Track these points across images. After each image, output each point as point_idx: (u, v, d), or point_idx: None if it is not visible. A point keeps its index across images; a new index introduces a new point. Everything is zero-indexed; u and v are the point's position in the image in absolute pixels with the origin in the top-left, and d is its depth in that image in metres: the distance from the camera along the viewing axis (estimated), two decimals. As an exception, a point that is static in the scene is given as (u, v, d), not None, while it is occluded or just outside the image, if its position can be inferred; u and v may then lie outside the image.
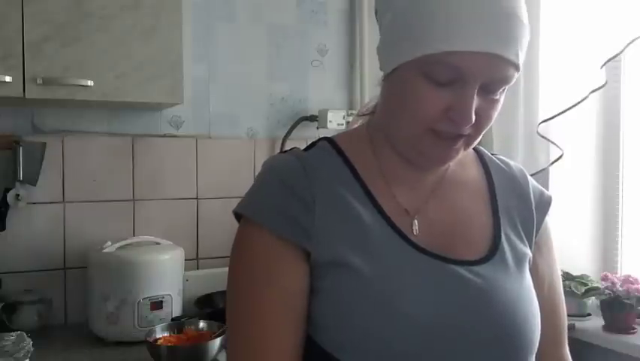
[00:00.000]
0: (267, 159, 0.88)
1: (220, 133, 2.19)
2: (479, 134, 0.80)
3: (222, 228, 2.19)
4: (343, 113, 2.28)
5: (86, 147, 1.99)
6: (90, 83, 1.67)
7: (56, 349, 1.71)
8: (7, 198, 1.86)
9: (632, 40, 1.78)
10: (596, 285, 1.87)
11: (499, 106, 0.79)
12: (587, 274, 1.95)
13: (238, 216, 0.86)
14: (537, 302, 0.84)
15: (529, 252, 0.88)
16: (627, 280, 1.82)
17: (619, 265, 2.02)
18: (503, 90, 0.78)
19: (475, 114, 0.75)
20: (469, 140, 0.80)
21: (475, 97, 0.75)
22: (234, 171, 2.21)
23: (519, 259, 0.86)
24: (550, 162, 1.97)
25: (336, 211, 0.80)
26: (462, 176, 0.90)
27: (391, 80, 0.82)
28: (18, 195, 1.87)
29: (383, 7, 0.83)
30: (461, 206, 0.88)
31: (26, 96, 1.62)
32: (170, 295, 1.81)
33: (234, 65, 2.20)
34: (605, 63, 1.82)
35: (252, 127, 2.25)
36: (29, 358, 1.47)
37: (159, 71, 1.76)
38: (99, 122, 2.01)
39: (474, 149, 0.94)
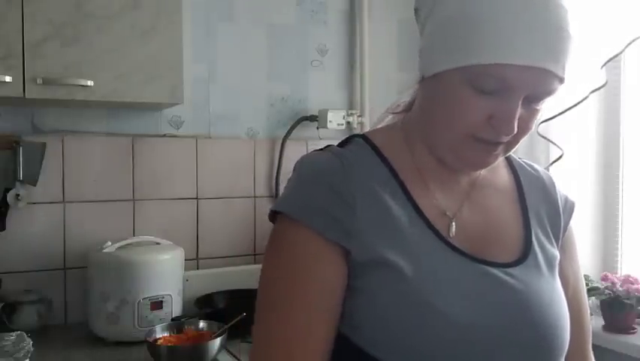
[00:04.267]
0: (301, 156, 0.86)
1: (220, 133, 2.19)
2: (517, 142, 0.81)
3: (222, 228, 2.19)
4: (343, 113, 2.29)
5: (86, 147, 1.99)
6: (90, 83, 1.67)
7: (56, 349, 1.72)
8: (7, 198, 1.86)
9: (632, 41, 1.78)
10: (596, 285, 1.87)
11: (539, 115, 0.80)
12: (587, 274, 1.95)
13: (272, 216, 0.84)
14: (566, 304, 0.86)
15: (558, 254, 0.90)
16: (627, 280, 1.82)
17: (619, 265, 2.02)
18: (544, 102, 0.79)
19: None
20: (507, 147, 0.81)
21: (519, 107, 0.76)
22: (234, 171, 2.21)
23: (549, 261, 0.87)
24: (551, 162, 1.97)
25: (376, 210, 0.80)
26: (493, 180, 0.92)
27: (433, 82, 0.81)
28: (18, 195, 1.87)
29: (426, 9, 0.84)
30: (494, 209, 0.89)
31: (26, 96, 1.62)
32: (170, 295, 1.81)
33: (234, 65, 2.20)
34: (606, 63, 1.82)
35: (252, 127, 2.25)
36: (29, 358, 1.47)
37: (159, 71, 1.76)
38: (99, 122, 2.01)
39: None
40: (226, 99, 2.20)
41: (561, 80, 0.76)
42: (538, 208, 0.92)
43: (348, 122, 2.30)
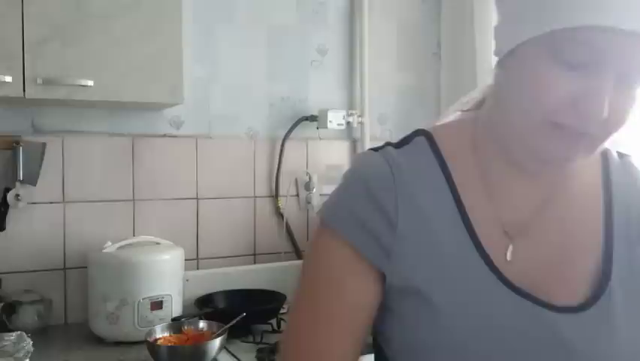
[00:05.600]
0: (356, 155, 0.80)
1: (220, 133, 2.19)
2: (607, 136, 0.67)
3: (222, 228, 2.19)
4: (343, 113, 2.28)
5: (86, 147, 1.99)
6: (90, 83, 1.67)
7: (56, 349, 1.71)
8: (7, 198, 1.85)
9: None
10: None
11: (635, 104, 0.66)
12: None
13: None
14: None
15: None
16: None
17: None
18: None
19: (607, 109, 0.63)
20: (593, 142, 0.67)
21: (610, 88, 0.63)
22: (234, 171, 2.21)
23: (634, 299, 0.71)
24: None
25: (418, 230, 0.72)
26: (576, 187, 0.76)
27: (509, 63, 0.69)
28: (18, 195, 1.87)
29: None
30: (569, 231, 0.74)
31: (26, 96, 1.62)
32: (170, 295, 1.81)
33: (234, 65, 2.20)
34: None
35: (252, 127, 2.25)
36: (29, 358, 1.47)
37: (159, 71, 1.76)
38: (99, 122, 2.01)
39: (601, 152, 0.80)
40: (226, 99, 2.20)
41: None
42: (629, 226, 0.74)
43: (348, 122, 2.30)
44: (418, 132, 0.80)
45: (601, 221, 0.75)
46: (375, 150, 0.79)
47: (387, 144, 0.79)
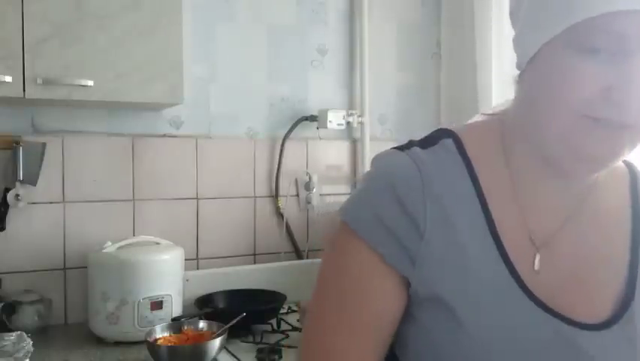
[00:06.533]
0: (379, 153, 0.75)
1: (220, 133, 2.19)
2: None
3: (222, 228, 2.19)
4: (343, 113, 2.28)
5: (86, 147, 1.99)
6: (90, 83, 1.67)
7: (56, 349, 1.71)
8: (7, 198, 1.85)
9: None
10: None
11: None
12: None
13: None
14: None
15: None
16: None
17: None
18: None
19: None
20: (633, 135, 0.65)
21: None
22: (234, 171, 2.21)
23: None
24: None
25: (447, 238, 0.69)
26: (605, 205, 0.75)
27: (534, 68, 0.68)
28: (18, 195, 1.87)
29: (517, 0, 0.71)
30: (595, 244, 0.73)
31: (26, 96, 1.62)
32: (170, 295, 1.81)
33: (234, 65, 2.20)
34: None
35: (252, 127, 2.25)
36: (29, 358, 1.47)
37: (159, 71, 1.76)
38: (99, 122, 2.01)
39: (629, 168, 0.80)
40: (226, 99, 2.20)
41: None
42: None
43: (348, 122, 2.30)
44: (443, 132, 0.76)
45: (628, 239, 0.74)
46: (400, 148, 0.75)
47: (412, 143, 0.75)
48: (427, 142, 0.75)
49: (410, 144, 0.75)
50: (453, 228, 0.69)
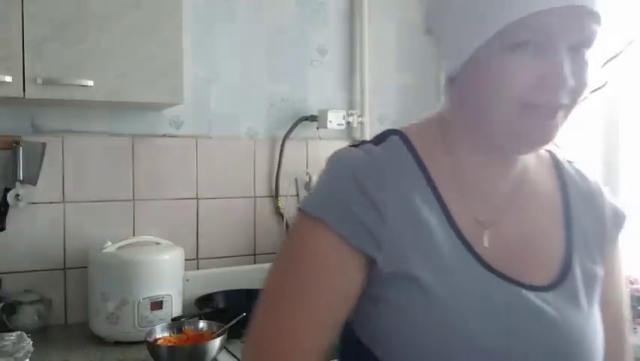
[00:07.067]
0: (335, 152, 0.81)
1: (220, 133, 2.19)
2: (575, 103, 0.75)
3: (222, 228, 2.19)
4: (343, 113, 2.29)
5: (86, 147, 1.99)
6: (90, 83, 1.67)
7: (56, 349, 1.71)
8: (7, 198, 1.86)
9: (632, 40, 1.78)
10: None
11: (590, 71, 0.75)
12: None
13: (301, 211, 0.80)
14: (602, 332, 0.80)
15: (601, 273, 0.84)
16: (627, 280, 1.82)
17: (619, 265, 2.02)
18: (589, 50, 0.74)
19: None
20: (566, 112, 0.75)
21: (567, 58, 0.71)
22: (234, 171, 2.21)
23: (590, 283, 0.81)
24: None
25: (407, 219, 0.75)
26: (538, 187, 0.85)
27: (468, 72, 0.76)
28: (18, 195, 1.87)
29: (437, 14, 0.79)
30: (534, 221, 0.83)
31: (26, 96, 1.62)
32: (170, 295, 1.81)
33: (234, 65, 2.20)
34: (606, 63, 1.82)
35: (252, 127, 2.25)
36: (29, 358, 1.47)
37: (159, 71, 1.76)
38: (99, 122, 2.01)
39: (551, 156, 0.91)
40: (226, 99, 2.20)
41: (598, 21, 0.71)
42: (584, 221, 0.85)
43: (348, 122, 2.30)
44: (390, 131, 0.84)
45: (561, 215, 0.84)
46: (354, 146, 0.82)
47: (363, 141, 0.83)
48: (377, 139, 0.83)
49: (362, 142, 0.83)
50: (411, 209, 0.76)
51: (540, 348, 0.74)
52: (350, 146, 0.82)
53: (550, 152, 0.91)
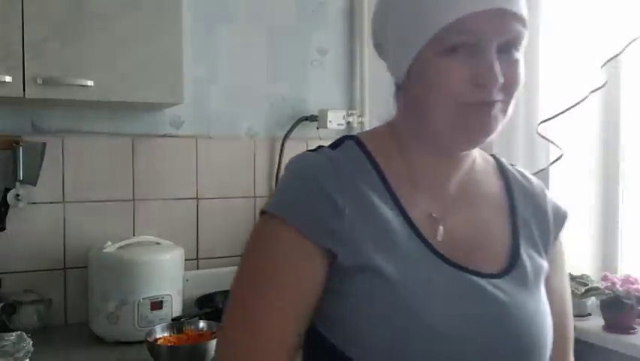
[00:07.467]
0: (293, 157, 0.86)
1: (220, 133, 2.19)
2: (511, 98, 0.80)
3: (222, 228, 2.19)
4: (343, 113, 2.29)
5: (86, 147, 1.99)
6: (90, 83, 1.67)
7: (56, 349, 1.72)
8: (7, 198, 1.86)
9: (632, 40, 1.78)
10: (596, 285, 1.87)
11: (522, 67, 0.80)
12: (587, 274, 1.95)
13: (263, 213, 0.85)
14: (551, 316, 0.86)
15: (546, 265, 0.89)
16: (627, 280, 1.82)
17: (619, 265, 2.02)
18: (519, 50, 0.80)
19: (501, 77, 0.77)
20: (504, 106, 0.80)
21: (496, 58, 0.76)
22: (234, 171, 2.21)
23: (537, 272, 0.87)
24: (550, 162, 1.97)
25: (365, 215, 0.80)
26: (483, 187, 0.91)
27: (411, 79, 0.83)
28: (18, 195, 1.87)
29: (381, 31, 0.87)
30: (482, 217, 0.89)
31: (26, 96, 1.62)
32: (170, 295, 1.81)
33: (234, 65, 2.21)
34: (605, 63, 1.82)
35: (252, 127, 2.25)
36: (29, 358, 1.47)
37: (159, 71, 1.76)
38: (99, 122, 2.01)
39: (495, 160, 0.97)
40: (226, 99, 2.20)
41: (524, 23, 0.77)
42: (528, 218, 0.91)
43: (348, 122, 2.31)
44: (345, 137, 0.89)
45: (507, 211, 0.91)
46: (312, 151, 0.87)
47: (320, 147, 0.87)
48: (334, 144, 0.88)
49: (319, 147, 0.87)
50: (369, 206, 0.81)
51: (493, 331, 0.79)
52: (308, 151, 0.87)
53: (494, 156, 0.98)
